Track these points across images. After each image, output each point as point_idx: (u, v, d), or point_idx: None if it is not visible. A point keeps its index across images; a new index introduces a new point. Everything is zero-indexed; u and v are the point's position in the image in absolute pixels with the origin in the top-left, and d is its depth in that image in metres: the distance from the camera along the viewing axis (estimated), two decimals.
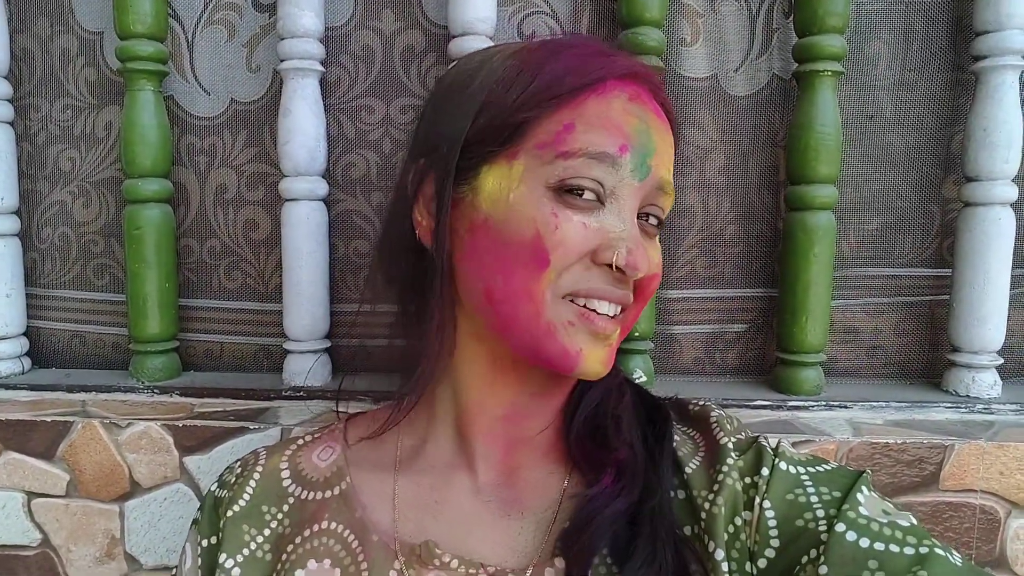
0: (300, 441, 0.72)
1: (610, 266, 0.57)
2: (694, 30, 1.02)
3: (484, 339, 0.63)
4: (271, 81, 1.07)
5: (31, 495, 0.98)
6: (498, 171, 0.60)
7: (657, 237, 0.64)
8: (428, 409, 0.68)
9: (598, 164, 0.57)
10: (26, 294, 1.13)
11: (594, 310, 0.59)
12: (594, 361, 0.59)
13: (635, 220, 0.60)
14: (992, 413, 0.96)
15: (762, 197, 1.04)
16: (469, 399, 0.65)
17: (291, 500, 0.67)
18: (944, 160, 1.03)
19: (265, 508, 0.67)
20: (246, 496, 0.67)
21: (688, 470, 0.61)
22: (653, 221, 0.62)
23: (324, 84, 1.05)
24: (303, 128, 0.99)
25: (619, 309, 0.60)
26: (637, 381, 0.82)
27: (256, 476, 0.69)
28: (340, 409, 0.76)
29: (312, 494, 0.67)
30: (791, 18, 1.00)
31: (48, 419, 0.97)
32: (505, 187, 0.59)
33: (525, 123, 0.60)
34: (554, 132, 0.59)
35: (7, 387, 1.06)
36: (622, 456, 0.61)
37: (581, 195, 0.58)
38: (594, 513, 0.58)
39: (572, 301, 0.58)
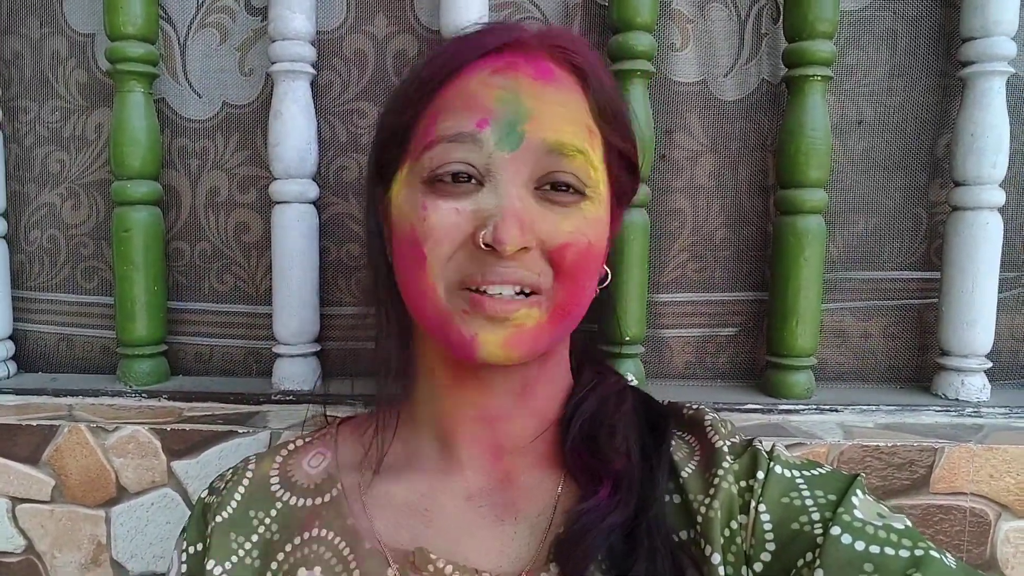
0: (291, 446, 0.72)
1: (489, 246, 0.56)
2: (684, 35, 1.03)
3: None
4: (264, 84, 1.07)
5: (15, 500, 0.97)
6: (399, 177, 0.62)
7: (583, 204, 0.59)
8: (411, 416, 0.68)
9: (459, 146, 0.57)
10: (13, 297, 1.12)
11: (485, 292, 0.57)
12: (492, 345, 0.57)
13: (520, 193, 0.57)
14: (981, 416, 0.97)
15: (752, 201, 1.05)
16: (443, 404, 0.65)
17: (279, 506, 0.66)
18: (930, 164, 1.04)
19: (252, 514, 0.66)
20: (234, 503, 0.67)
21: (684, 474, 0.61)
22: (553, 188, 0.58)
23: (317, 88, 1.05)
24: (294, 131, 0.99)
25: (527, 294, 0.58)
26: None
27: (245, 483, 0.68)
28: (330, 413, 0.75)
29: (302, 501, 0.66)
30: (780, 23, 1.01)
31: (34, 423, 0.96)
32: (398, 191, 0.62)
33: (409, 127, 0.62)
34: (425, 128, 0.60)
35: None
36: (618, 467, 0.60)
37: (455, 181, 0.57)
38: (590, 526, 0.57)
39: (467, 289, 0.57)
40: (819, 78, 0.95)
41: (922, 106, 1.03)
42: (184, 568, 0.66)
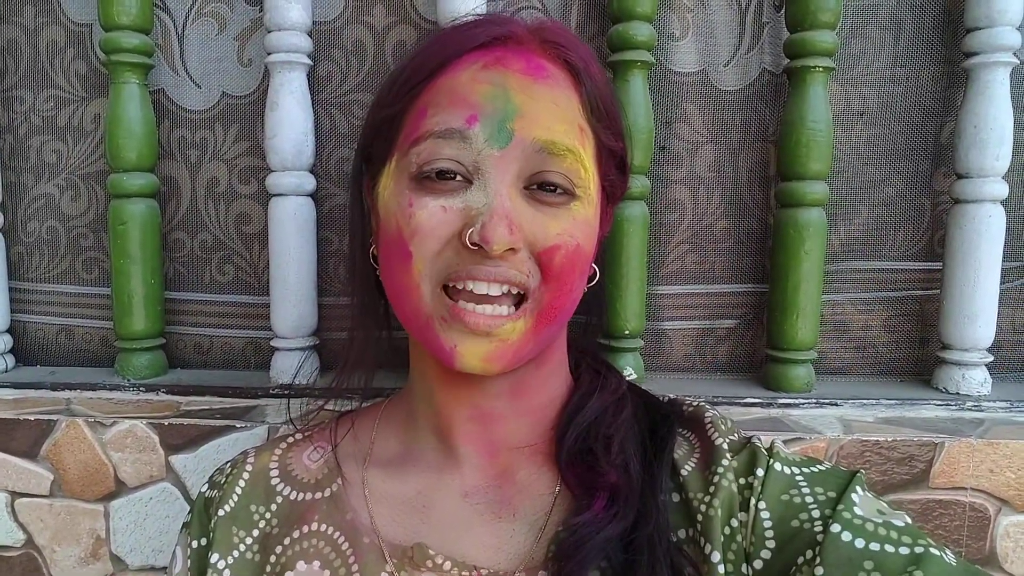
0: (290, 439, 0.72)
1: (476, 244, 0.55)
2: (683, 24, 1.02)
3: None
4: (263, 75, 1.06)
5: (14, 495, 0.97)
6: (385, 171, 0.61)
7: (572, 204, 0.58)
8: (409, 412, 0.68)
9: (447, 142, 0.56)
10: (12, 288, 1.12)
11: (470, 291, 0.56)
12: (471, 357, 0.56)
13: (509, 192, 0.56)
14: (982, 410, 0.96)
15: (752, 192, 1.04)
16: (438, 402, 0.65)
17: (279, 500, 0.66)
18: (935, 153, 1.03)
19: (253, 508, 0.66)
20: (235, 496, 0.67)
21: (684, 472, 0.61)
22: (549, 188, 0.57)
23: (315, 79, 1.04)
24: (290, 122, 0.98)
25: (515, 294, 0.57)
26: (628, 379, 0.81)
27: (245, 476, 0.68)
28: (329, 407, 0.75)
29: (302, 495, 0.66)
30: (782, 12, 1.00)
31: (31, 418, 0.96)
32: (385, 185, 0.61)
33: (396, 120, 0.61)
34: (413, 122, 0.59)
35: None
36: (613, 480, 0.60)
37: (443, 178, 0.57)
38: (586, 539, 0.57)
39: (448, 294, 0.57)
40: (821, 69, 0.94)
41: (926, 94, 1.02)
42: (189, 563, 0.66)
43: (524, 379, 0.63)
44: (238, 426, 0.93)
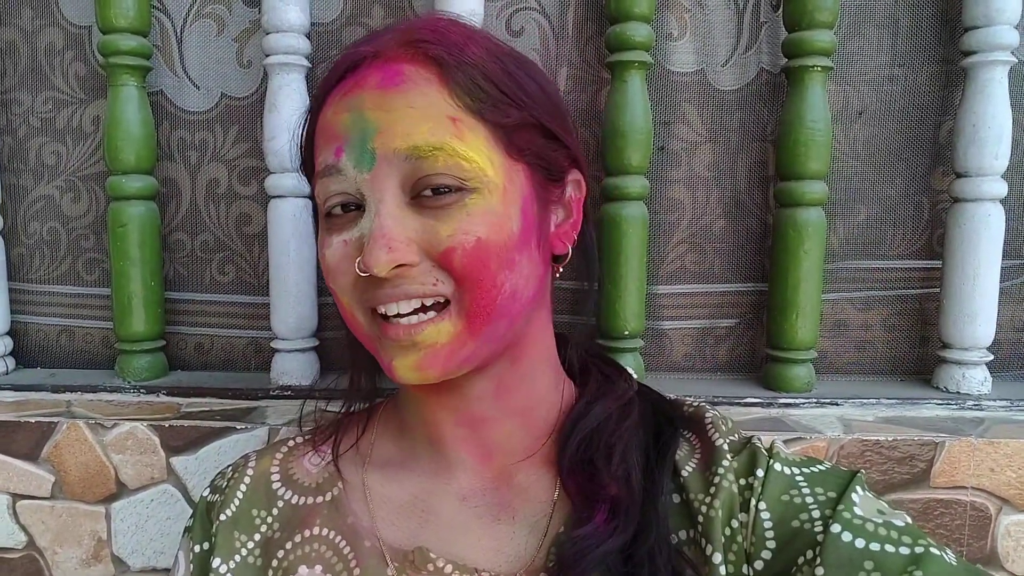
0: (291, 443, 0.72)
1: None
2: (681, 25, 1.02)
3: None
4: (263, 77, 1.06)
5: (16, 497, 0.97)
6: None
7: (468, 199, 0.55)
8: (402, 420, 0.68)
9: (331, 179, 0.57)
10: (13, 290, 1.12)
11: (386, 315, 0.57)
12: (406, 369, 0.56)
13: (390, 210, 0.55)
14: (982, 409, 0.96)
15: (751, 191, 1.04)
16: (424, 410, 0.65)
17: (280, 504, 0.66)
18: (933, 151, 1.03)
19: (255, 512, 0.66)
20: (236, 501, 0.67)
21: (684, 473, 0.60)
22: (431, 192, 0.55)
23: (314, 80, 1.04)
24: (289, 124, 0.98)
25: (434, 304, 0.56)
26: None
27: (246, 480, 0.68)
28: (329, 409, 0.75)
29: (303, 499, 0.66)
30: (779, 11, 0.99)
31: (32, 420, 0.96)
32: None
33: (311, 160, 0.63)
34: (316, 164, 0.61)
35: None
36: (614, 493, 0.59)
37: (347, 210, 0.58)
38: (585, 552, 0.57)
39: (376, 312, 0.58)
40: (819, 69, 0.94)
41: (924, 93, 1.02)
42: (191, 567, 0.66)
43: (502, 378, 0.62)
44: (238, 427, 0.94)
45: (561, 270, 0.67)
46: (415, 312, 0.56)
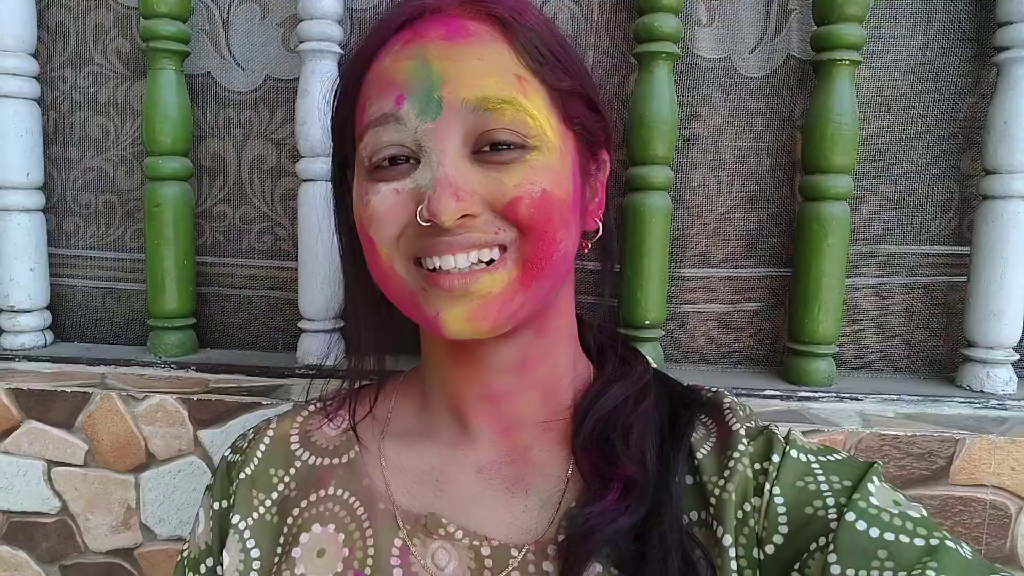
0: (311, 407, 0.74)
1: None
2: (710, 11, 1.02)
3: None
4: None
5: (51, 463, 1.01)
6: (355, 171, 0.62)
7: (528, 156, 0.56)
8: (424, 390, 0.70)
9: (385, 128, 0.57)
10: (55, 256, 1.16)
11: (438, 268, 0.56)
12: (455, 321, 0.56)
13: (453, 160, 0.55)
14: (1006, 409, 0.95)
15: (776, 177, 1.04)
16: (448, 381, 0.66)
17: (298, 464, 0.69)
18: (963, 136, 1.01)
19: (272, 471, 0.69)
20: (255, 460, 0.69)
21: (699, 455, 0.61)
22: (490, 148, 0.56)
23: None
24: (320, 109, 1.00)
25: (489, 252, 0.56)
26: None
27: (266, 441, 0.70)
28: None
29: (320, 460, 0.68)
30: None
31: (68, 390, 0.99)
32: (355, 184, 0.62)
33: (348, 120, 0.62)
34: (359, 118, 0.60)
35: (30, 359, 1.09)
36: (628, 473, 0.59)
37: (395, 164, 0.57)
38: (595, 529, 0.57)
39: (420, 265, 0.57)
40: (847, 62, 0.93)
41: (955, 77, 1.01)
42: (211, 524, 0.69)
43: (528, 350, 0.63)
44: (264, 403, 0.96)
45: (588, 247, 0.67)
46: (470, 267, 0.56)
